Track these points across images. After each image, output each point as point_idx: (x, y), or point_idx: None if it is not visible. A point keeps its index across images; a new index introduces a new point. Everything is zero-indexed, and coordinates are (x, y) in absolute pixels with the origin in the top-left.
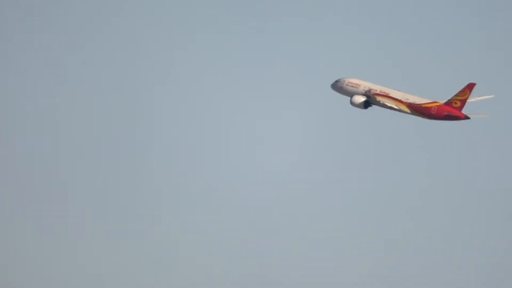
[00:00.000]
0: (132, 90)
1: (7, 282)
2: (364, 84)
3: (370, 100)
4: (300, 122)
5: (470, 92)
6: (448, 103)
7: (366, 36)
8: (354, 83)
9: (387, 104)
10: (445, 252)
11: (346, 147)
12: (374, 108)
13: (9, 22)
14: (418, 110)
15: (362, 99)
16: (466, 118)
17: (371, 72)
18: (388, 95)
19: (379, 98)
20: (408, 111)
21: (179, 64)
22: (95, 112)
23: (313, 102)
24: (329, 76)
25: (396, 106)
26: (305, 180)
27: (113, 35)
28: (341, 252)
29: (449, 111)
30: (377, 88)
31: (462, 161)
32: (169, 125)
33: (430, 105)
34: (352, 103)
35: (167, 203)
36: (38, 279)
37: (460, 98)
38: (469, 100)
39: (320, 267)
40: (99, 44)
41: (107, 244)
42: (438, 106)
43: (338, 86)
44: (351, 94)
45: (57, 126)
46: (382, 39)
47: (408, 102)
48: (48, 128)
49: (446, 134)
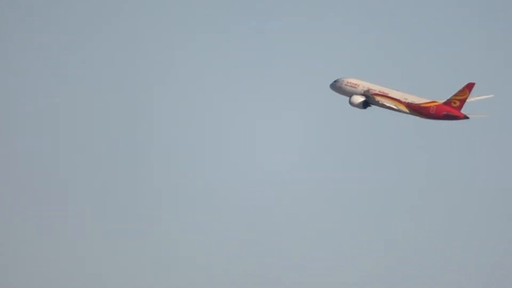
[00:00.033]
0: (132, 90)
1: (7, 282)
2: (363, 84)
3: (369, 100)
4: (300, 122)
5: (470, 92)
6: (447, 102)
7: (366, 36)
8: (353, 83)
9: (386, 104)
10: (445, 252)
11: (345, 147)
12: (373, 108)
13: (9, 22)
14: (417, 110)
15: (361, 99)
16: (465, 118)
17: (371, 72)
18: (387, 95)
19: (378, 98)
20: (407, 111)
21: (179, 64)
22: (95, 112)
23: (313, 102)
24: (329, 76)
25: (395, 106)
26: (305, 180)
27: (113, 35)
28: (341, 252)
29: (448, 111)
30: (376, 88)
31: (461, 161)
32: (169, 125)
33: (429, 104)
34: (351, 103)
35: (167, 203)
36: (38, 279)
37: (459, 98)
38: (468, 100)
39: (320, 267)
40: (99, 44)
41: (107, 244)
42: (437, 106)
43: (337, 86)
44: (349, 94)
45: (57, 126)
46: (382, 39)
47: (407, 102)
48: (48, 128)
49: (445, 134)
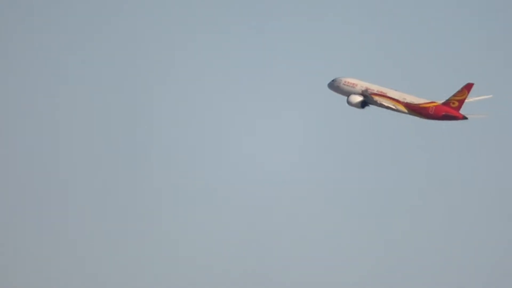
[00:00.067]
0: (132, 90)
1: (7, 282)
2: (361, 84)
3: (367, 100)
4: (300, 122)
5: (468, 92)
6: (446, 103)
7: (366, 36)
8: (351, 83)
9: (384, 103)
10: (444, 252)
11: (344, 147)
12: (371, 108)
13: (9, 22)
14: (415, 110)
15: (359, 98)
16: (464, 118)
17: (371, 72)
18: (385, 94)
19: (376, 98)
20: (405, 111)
21: (179, 64)
22: (95, 112)
23: (313, 102)
24: (329, 76)
25: (393, 106)
26: (305, 180)
27: (113, 35)
28: (341, 252)
29: (447, 111)
30: (374, 87)
31: (460, 161)
32: (169, 125)
33: (428, 105)
34: (349, 102)
35: (167, 203)
36: (38, 279)
37: (458, 98)
38: (467, 100)
39: (320, 267)
40: (99, 44)
41: (107, 244)
42: (436, 106)
43: (334, 86)
44: (347, 94)
45: (57, 126)
46: (382, 39)
47: (405, 102)
48: (48, 128)
49: (444, 134)
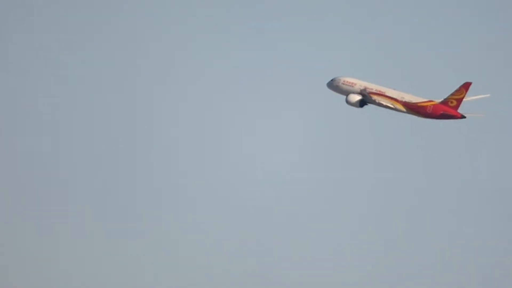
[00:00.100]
0: (132, 90)
1: (7, 282)
2: (360, 83)
3: (366, 99)
4: (299, 122)
5: (466, 91)
6: (444, 102)
7: (366, 36)
8: (350, 82)
9: (382, 103)
10: (444, 252)
11: (344, 147)
12: (370, 107)
13: (9, 22)
14: (414, 109)
15: (358, 98)
16: (462, 117)
17: (371, 72)
18: (383, 94)
19: (374, 97)
20: (404, 110)
21: (179, 64)
22: (95, 112)
23: (313, 102)
24: (329, 76)
25: (391, 105)
26: (305, 180)
27: (113, 35)
28: (341, 252)
29: (445, 110)
30: (372, 86)
31: (457, 160)
32: (169, 125)
33: (426, 104)
34: (347, 102)
35: (167, 203)
36: (38, 279)
37: (456, 97)
38: (465, 99)
39: (320, 267)
40: (99, 44)
41: (107, 244)
42: (434, 105)
43: (333, 85)
44: (346, 93)
45: (57, 126)
46: (382, 39)
47: (403, 101)
48: (48, 128)
49: (442, 133)
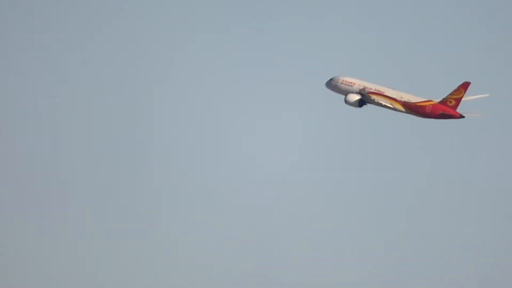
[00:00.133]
0: (132, 90)
1: (7, 282)
2: (359, 83)
3: (365, 99)
4: (299, 122)
5: (465, 91)
6: (443, 101)
7: (366, 36)
8: (349, 82)
9: (381, 102)
10: (444, 251)
11: (343, 147)
12: (369, 107)
13: (9, 22)
14: (412, 109)
15: (357, 97)
16: (461, 117)
17: (371, 72)
18: (382, 93)
19: (373, 97)
20: (402, 109)
21: (179, 64)
22: (95, 112)
23: (313, 102)
24: (329, 76)
25: (390, 104)
26: (304, 180)
27: (113, 35)
28: (341, 252)
29: (444, 110)
30: (371, 86)
31: (456, 159)
32: (169, 125)
33: (425, 103)
34: (346, 101)
35: (167, 203)
36: (38, 279)
37: (455, 97)
38: (464, 99)
39: (320, 267)
40: (99, 44)
41: (107, 244)
42: (433, 105)
43: (332, 85)
44: (345, 93)
45: (57, 126)
46: (382, 39)
47: (402, 100)
48: (48, 128)
49: (441, 132)
